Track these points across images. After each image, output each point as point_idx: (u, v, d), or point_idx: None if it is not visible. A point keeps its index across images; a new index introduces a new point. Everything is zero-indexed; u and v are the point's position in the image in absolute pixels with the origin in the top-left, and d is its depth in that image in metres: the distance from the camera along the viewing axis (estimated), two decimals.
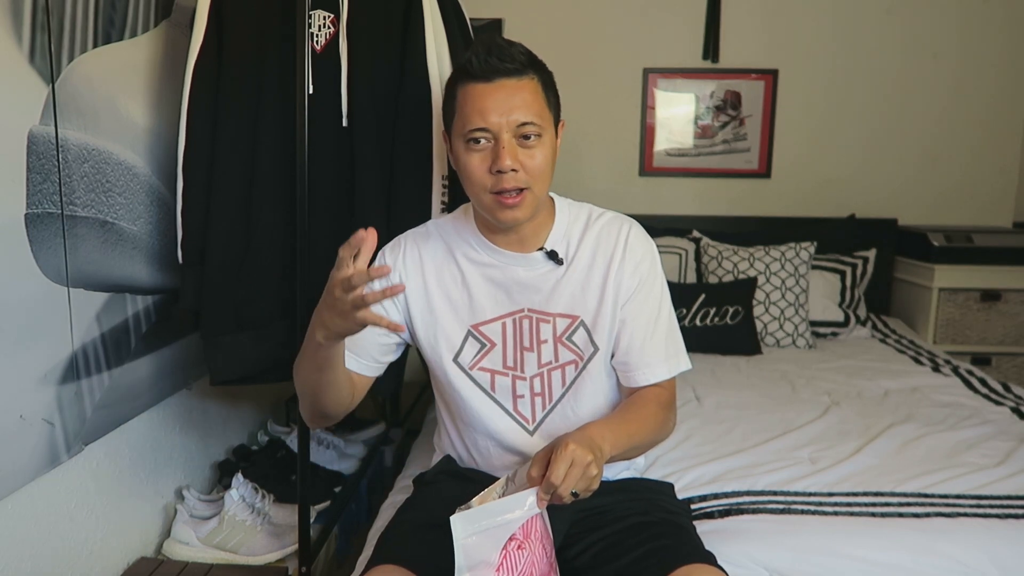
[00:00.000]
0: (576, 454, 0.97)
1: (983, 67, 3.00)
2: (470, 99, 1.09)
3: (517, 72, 1.09)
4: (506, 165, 1.07)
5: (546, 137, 1.11)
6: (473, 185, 1.12)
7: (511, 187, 1.09)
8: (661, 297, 1.22)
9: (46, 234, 1.31)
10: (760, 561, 1.27)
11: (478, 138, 1.09)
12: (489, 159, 1.09)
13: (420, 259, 1.22)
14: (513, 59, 1.08)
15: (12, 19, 1.22)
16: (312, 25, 1.51)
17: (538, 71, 1.12)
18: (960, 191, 3.09)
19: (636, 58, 3.03)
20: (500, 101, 1.07)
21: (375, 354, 1.23)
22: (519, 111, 1.08)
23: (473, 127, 1.08)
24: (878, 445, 1.66)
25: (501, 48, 1.08)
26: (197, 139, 1.54)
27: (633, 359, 1.20)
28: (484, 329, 1.20)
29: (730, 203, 3.09)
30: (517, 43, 1.11)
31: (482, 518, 0.96)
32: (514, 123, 1.08)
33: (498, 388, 1.21)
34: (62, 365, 1.37)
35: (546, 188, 1.15)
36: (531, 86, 1.10)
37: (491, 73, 1.08)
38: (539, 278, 1.20)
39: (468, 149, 1.10)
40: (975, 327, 2.80)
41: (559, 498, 0.97)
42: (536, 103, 1.10)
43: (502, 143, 1.08)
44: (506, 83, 1.08)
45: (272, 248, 1.58)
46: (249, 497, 1.79)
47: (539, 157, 1.10)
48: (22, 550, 1.33)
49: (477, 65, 1.08)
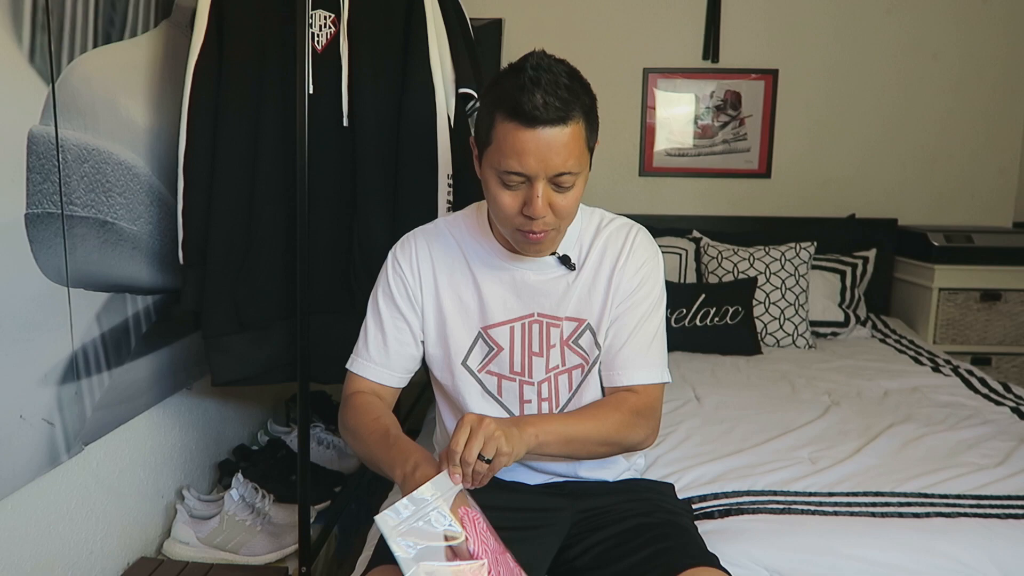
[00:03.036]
0: (473, 421, 0.96)
1: (983, 67, 3.00)
2: (512, 140, 1.02)
3: (562, 120, 1.01)
4: (538, 212, 1.04)
5: (580, 177, 1.06)
6: (499, 215, 1.09)
7: (539, 230, 1.07)
8: (656, 304, 1.21)
9: (46, 234, 1.31)
10: (760, 561, 1.27)
11: (512, 182, 1.05)
12: (521, 200, 1.05)
13: (431, 257, 1.21)
14: (561, 107, 1.00)
15: (12, 19, 1.22)
16: (313, 25, 1.51)
17: (583, 108, 1.04)
18: (960, 191, 3.09)
19: (636, 58, 3.03)
20: (542, 148, 1.01)
21: (408, 366, 1.23)
22: (558, 159, 1.02)
23: (509, 169, 1.03)
24: (878, 445, 1.66)
25: (558, 95, 0.99)
26: (198, 139, 1.54)
27: (612, 358, 1.18)
28: (493, 332, 1.19)
29: (730, 203, 3.09)
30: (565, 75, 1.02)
31: (406, 509, 0.94)
32: (552, 172, 1.03)
33: (505, 393, 1.20)
34: (62, 365, 1.37)
35: (572, 220, 1.13)
36: (574, 131, 1.03)
37: (536, 122, 1.00)
38: (550, 283, 1.19)
39: (501, 184, 1.06)
40: (975, 327, 2.80)
41: (467, 464, 0.94)
42: (577, 147, 1.03)
43: (536, 191, 1.03)
44: (551, 131, 1.01)
45: (273, 248, 1.58)
46: (249, 497, 1.79)
47: (570, 199, 1.06)
48: (22, 550, 1.33)
49: (528, 110, 0.99)
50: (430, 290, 1.21)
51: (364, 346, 1.22)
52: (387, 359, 1.20)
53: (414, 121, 1.54)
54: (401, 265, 1.21)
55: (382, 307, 1.21)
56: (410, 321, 1.21)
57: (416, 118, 1.54)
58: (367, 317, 1.23)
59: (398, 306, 1.20)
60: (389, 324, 1.20)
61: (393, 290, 1.21)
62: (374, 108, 1.54)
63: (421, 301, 1.21)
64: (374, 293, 1.23)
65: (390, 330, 1.20)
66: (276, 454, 2.10)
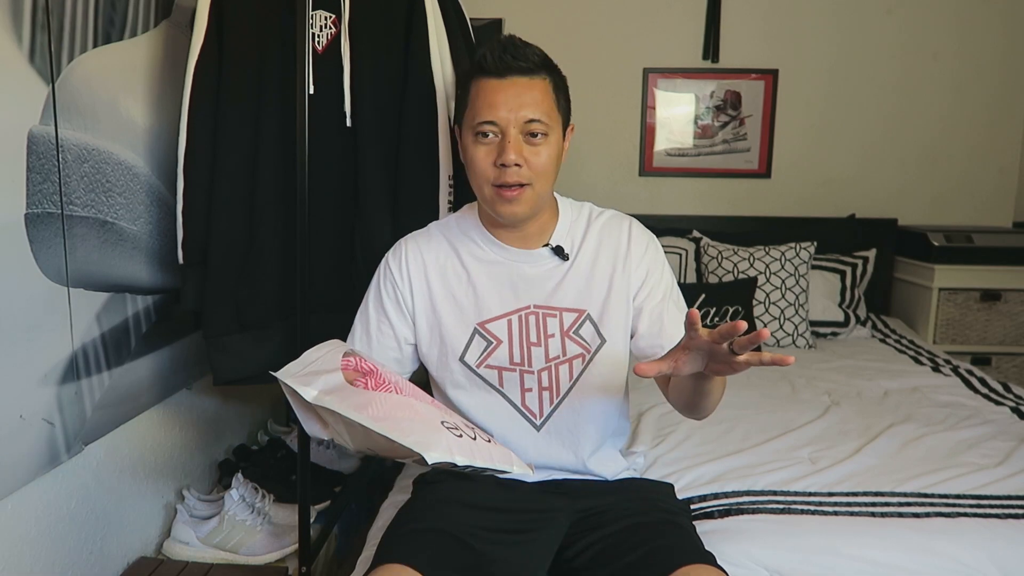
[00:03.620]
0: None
1: (983, 67, 3.00)
2: (482, 93, 1.13)
3: (529, 71, 1.12)
4: (510, 159, 1.10)
5: (552, 137, 1.14)
6: (477, 177, 1.16)
7: (513, 181, 1.12)
8: (671, 282, 1.26)
9: (46, 234, 1.31)
10: (760, 561, 1.27)
11: (486, 131, 1.12)
12: (495, 152, 1.12)
13: (422, 260, 1.24)
14: (527, 58, 1.12)
15: (12, 19, 1.22)
16: (314, 25, 1.51)
17: (551, 73, 1.16)
18: (960, 191, 3.09)
19: (636, 58, 3.03)
20: (511, 97, 1.11)
21: (392, 369, 1.24)
22: (528, 108, 1.11)
23: (482, 119, 1.12)
24: (878, 445, 1.66)
25: (517, 47, 1.12)
26: (198, 139, 1.53)
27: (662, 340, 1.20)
28: (490, 327, 1.21)
29: (730, 203, 3.09)
30: (533, 45, 1.14)
31: (297, 364, 1.07)
32: (522, 119, 1.11)
33: (506, 383, 1.22)
34: (62, 365, 1.37)
35: (548, 187, 1.17)
36: (542, 86, 1.13)
37: (504, 70, 1.11)
38: (544, 274, 1.22)
39: (476, 141, 1.14)
40: (975, 327, 2.80)
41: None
42: (545, 103, 1.13)
43: (508, 138, 1.11)
44: (518, 80, 1.12)
45: (273, 248, 1.58)
46: (249, 497, 1.79)
47: (544, 155, 1.13)
48: (22, 550, 1.33)
49: (491, 61, 1.11)
50: (422, 293, 1.23)
51: (350, 345, 1.25)
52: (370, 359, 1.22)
53: (415, 121, 1.54)
54: (392, 270, 1.25)
55: (371, 310, 1.26)
56: (395, 325, 1.24)
57: (417, 118, 1.54)
58: (356, 319, 1.29)
59: (385, 310, 1.25)
60: (374, 327, 1.25)
61: (382, 294, 1.25)
62: (375, 108, 1.54)
63: (412, 306, 1.24)
64: (366, 296, 1.29)
65: (374, 333, 1.25)
66: (276, 454, 2.10)
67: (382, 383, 1.03)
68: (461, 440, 0.97)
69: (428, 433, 0.95)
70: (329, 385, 1.00)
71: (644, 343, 1.23)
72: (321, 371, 1.03)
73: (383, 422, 0.93)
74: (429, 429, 0.96)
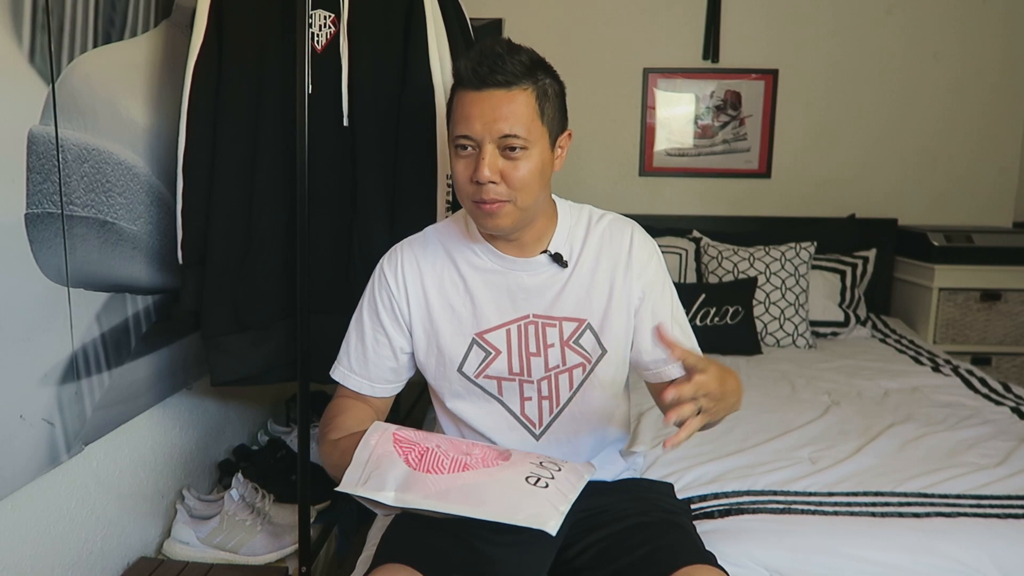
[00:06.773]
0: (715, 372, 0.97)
1: (983, 67, 3.00)
2: (459, 105, 1.08)
3: (507, 83, 1.04)
4: (484, 176, 1.05)
5: (534, 150, 1.07)
6: (459, 190, 1.11)
7: (489, 198, 1.07)
8: (672, 296, 1.24)
9: (46, 234, 1.31)
10: (760, 561, 1.27)
11: (464, 144, 1.07)
12: (472, 167, 1.07)
13: (419, 269, 1.20)
14: (504, 70, 1.04)
15: (12, 19, 1.22)
16: (313, 25, 1.51)
17: (537, 82, 1.07)
18: (960, 191, 3.09)
19: (636, 58, 3.03)
20: (486, 111, 1.05)
21: (389, 378, 1.24)
22: (503, 122, 1.04)
23: (458, 133, 1.07)
24: (878, 445, 1.66)
25: (495, 57, 1.04)
26: (197, 139, 1.53)
27: (661, 354, 1.19)
28: (489, 337, 1.18)
29: (730, 203, 3.09)
30: (522, 51, 1.07)
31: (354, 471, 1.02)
32: (496, 134, 1.05)
33: (505, 392, 1.20)
34: (62, 365, 1.37)
35: (531, 199, 1.10)
36: (523, 98, 1.05)
37: (479, 82, 1.05)
38: (543, 282, 1.18)
39: (456, 154, 1.09)
40: (975, 327, 2.80)
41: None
42: (526, 116, 1.05)
43: (484, 153, 1.05)
44: (495, 93, 1.05)
45: (273, 248, 1.58)
46: (249, 497, 1.79)
47: (523, 169, 1.06)
48: (22, 550, 1.33)
49: (466, 73, 1.06)
50: (418, 302, 1.20)
51: (345, 355, 1.24)
52: (366, 370, 1.22)
53: (414, 121, 1.54)
54: (387, 278, 1.21)
55: (365, 319, 1.23)
56: (391, 336, 1.21)
57: (416, 118, 1.54)
58: (351, 326, 1.25)
59: (380, 320, 1.21)
60: (369, 337, 1.22)
61: (377, 303, 1.21)
62: (374, 108, 1.54)
63: (408, 315, 1.21)
64: (360, 303, 1.25)
65: (370, 343, 1.22)
66: (276, 454, 2.10)
67: (445, 457, 1.01)
68: (550, 491, 0.97)
69: (529, 503, 0.95)
70: (400, 480, 0.98)
71: (648, 358, 1.21)
72: (382, 466, 1.00)
73: (482, 507, 0.94)
74: (524, 496, 0.96)
